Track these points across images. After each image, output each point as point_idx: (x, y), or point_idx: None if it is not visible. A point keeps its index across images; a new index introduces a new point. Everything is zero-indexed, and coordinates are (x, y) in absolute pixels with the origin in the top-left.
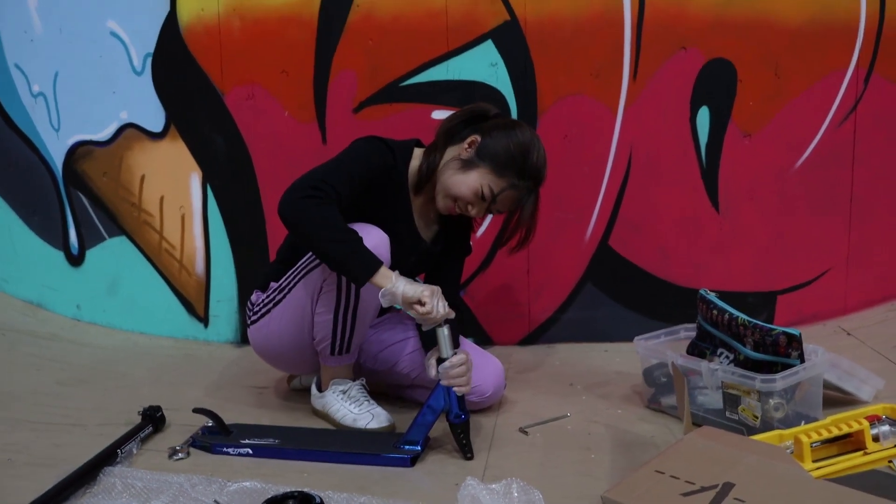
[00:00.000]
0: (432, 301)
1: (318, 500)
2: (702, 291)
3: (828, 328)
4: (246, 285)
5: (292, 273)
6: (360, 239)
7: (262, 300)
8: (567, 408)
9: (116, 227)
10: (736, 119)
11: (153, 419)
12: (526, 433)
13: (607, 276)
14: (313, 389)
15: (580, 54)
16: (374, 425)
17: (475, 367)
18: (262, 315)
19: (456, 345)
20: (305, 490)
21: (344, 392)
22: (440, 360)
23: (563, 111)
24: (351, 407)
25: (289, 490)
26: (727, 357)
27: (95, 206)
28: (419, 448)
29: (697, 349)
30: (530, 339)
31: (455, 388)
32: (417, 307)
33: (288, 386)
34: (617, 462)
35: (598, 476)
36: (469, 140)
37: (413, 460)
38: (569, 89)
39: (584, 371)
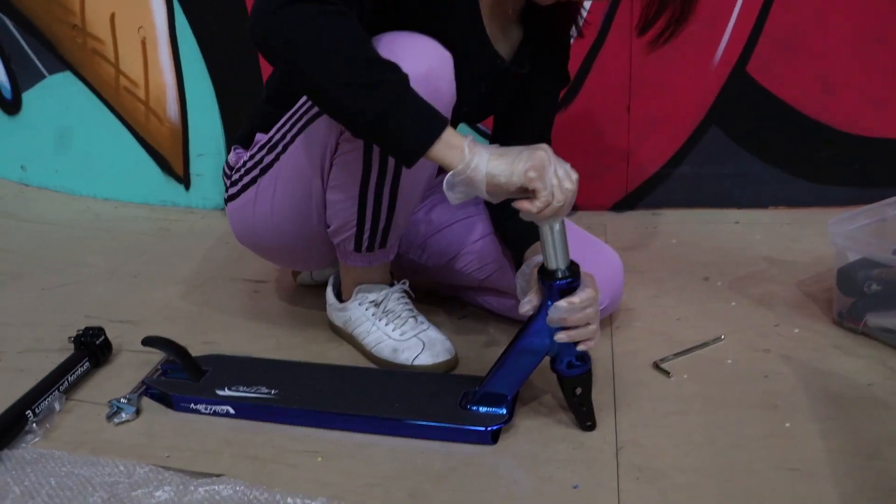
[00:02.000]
0: (547, 180)
1: None
2: None
3: None
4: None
5: (288, 120)
6: (405, 78)
7: (245, 163)
8: (715, 324)
9: (56, 58)
10: None
11: (91, 349)
12: (666, 373)
13: (742, 115)
14: (330, 296)
15: None
16: (425, 360)
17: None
18: (244, 187)
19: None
20: None
21: (377, 305)
22: (546, 273)
23: None
24: (388, 329)
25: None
26: None
27: (25, 32)
28: (505, 413)
29: None
30: (628, 203)
31: (575, 340)
32: (525, 204)
33: (294, 280)
34: (832, 436)
35: (814, 472)
36: None
37: (495, 435)
38: None
39: (717, 256)
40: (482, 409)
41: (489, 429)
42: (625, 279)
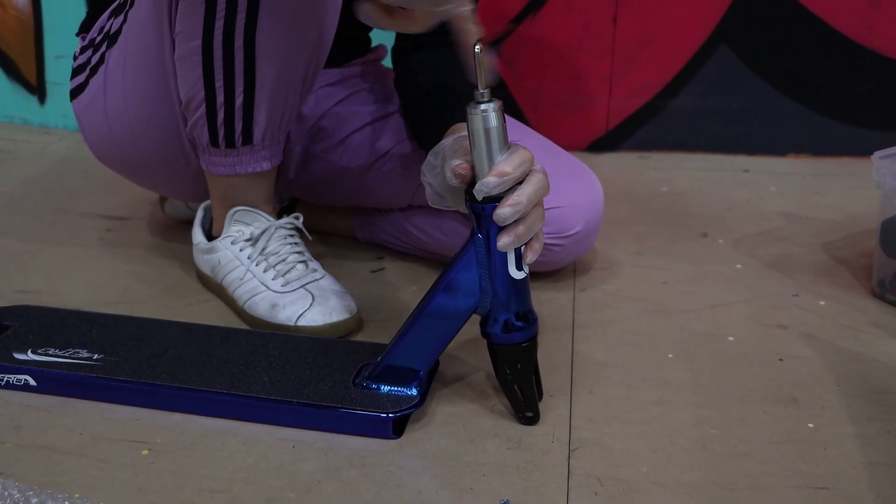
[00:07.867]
0: None
1: None
2: None
3: None
4: None
5: None
6: None
7: (91, 40)
8: (714, 290)
9: None
10: None
11: None
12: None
13: (760, 33)
14: (196, 233)
15: None
16: (313, 319)
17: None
18: (92, 70)
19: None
20: None
21: (254, 243)
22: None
23: None
24: (267, 276)
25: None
26: None
27: None
28: (415, 395)
29: None
30: (609, 143)
31: (523, 238)
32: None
33: (163, 212)
34: (871, 445)
35: (849, 493)
36: None
37: (399, 424)
38: None
39: (719, 208)
40: (384, 389)
41: (391, 415)
42: (599, 228)
